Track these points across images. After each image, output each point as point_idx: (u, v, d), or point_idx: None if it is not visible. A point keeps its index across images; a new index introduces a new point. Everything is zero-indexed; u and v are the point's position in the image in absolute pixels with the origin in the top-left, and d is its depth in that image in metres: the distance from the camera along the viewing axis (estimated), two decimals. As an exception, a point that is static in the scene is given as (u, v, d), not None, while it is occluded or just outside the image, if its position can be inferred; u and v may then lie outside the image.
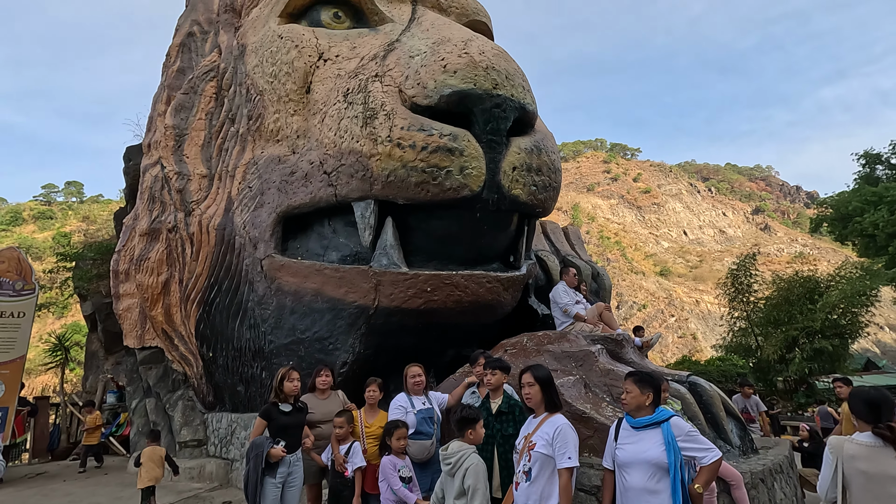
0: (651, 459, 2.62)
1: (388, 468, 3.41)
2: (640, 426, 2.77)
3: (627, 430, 2.83)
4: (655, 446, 2.65)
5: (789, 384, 20.63)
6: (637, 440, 2.74)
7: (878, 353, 54.60)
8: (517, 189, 5.34)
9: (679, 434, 2.67)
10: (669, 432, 2.66)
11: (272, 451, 3.52)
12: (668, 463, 2.58)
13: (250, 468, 3.47)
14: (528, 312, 7.03)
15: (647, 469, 2.63)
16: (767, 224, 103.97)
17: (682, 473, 2.59)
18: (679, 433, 2.68)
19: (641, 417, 2.79)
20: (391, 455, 3.50)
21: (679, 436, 2.67)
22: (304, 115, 6.29)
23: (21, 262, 7.46)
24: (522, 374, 3.08)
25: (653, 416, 2.76)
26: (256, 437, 3.62)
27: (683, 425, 2.76)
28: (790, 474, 4.42)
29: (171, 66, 9.00)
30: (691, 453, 2.68)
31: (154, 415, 8.18)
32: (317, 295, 5.68)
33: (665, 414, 2.77)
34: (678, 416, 2.82)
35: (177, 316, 7.55)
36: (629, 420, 2.86)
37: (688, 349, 59.58)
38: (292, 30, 6.62)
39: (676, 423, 2.74)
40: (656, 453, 2.62)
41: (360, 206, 5.44)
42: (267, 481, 3.49)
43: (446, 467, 3.03)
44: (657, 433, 2.69)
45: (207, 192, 7.37)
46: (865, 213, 24.62)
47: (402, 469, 3.46)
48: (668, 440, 2.63)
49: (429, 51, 5.43)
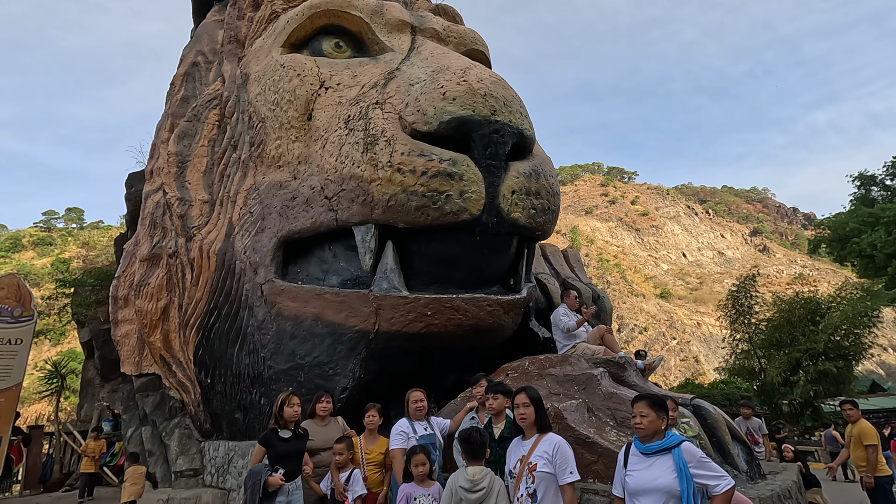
0: (663, 487, 2.54)
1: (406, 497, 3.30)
2: (651, 452, 2.69)
3: (637, 456, 2.75)
4: (667, 473, 2.56)
5: (794, 407, 20.40)
6: (648, 466, 2.65)
7: (882, 374, 54.06)
8: (516, 212, 5.39)
9: (691, 460, 2.59)
10: (681, 458, 2.58)
11: (270, 479, 3.46)
12: (680, 491, 2.50)
13: (247, 497, 3.41)
14: (528, 336, 6.99)
15: (660, 497, 2.55)
16: (766, 245, 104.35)
17: (695, 501, 2.51)
18: (691, 459, 2.60)
19: (652, 443, 2.70)
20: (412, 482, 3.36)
21: (691, 462, 2.58)
22: (305, 142, 6.39)
23: (20, 289, 7.45)
24: (516, 395, 3.05)
25: (664, 442, 2.68)
26: (255, 464, 3.56)
27: (695, 451, 2.68)
28: (799, 500, 4.33)
29: (175, 95, 9.17)
30: (704, 481, 2.58)
31: (149, 443, 8.03)
32: (317, 320, 5.66)
33: (676, 439, 2.70)
34: (689, 442, 2.75)
35: (175, 342, 7.50)
36: (638, 446, 2.78)
37: (690, 372, 58.96)
38: (294, 59, 6.79)
39: (688, 448, 2.66)
40: (668, 480, 2.54)
41: (361, 231, 5.48)
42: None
43: (475, 495, 2.90)
44: (668, 459, 2.60)
45: (209, 218, 7.42)
46: (863, 233, 24.79)
47: (419, 498, 3.33)
48: (680, 466, 2.54)
49: (428, 79, 5.56)
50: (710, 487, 2.58)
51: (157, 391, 8.44)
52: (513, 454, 2.98)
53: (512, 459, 2.94)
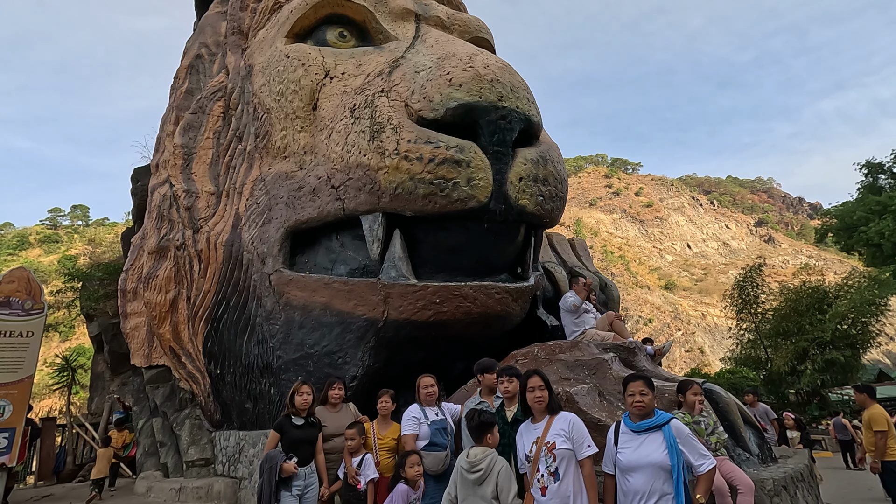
0: (655, 462, 2.66)
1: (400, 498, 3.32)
2: (643, 429, 2.79)
3: (628, 434, 2.84)
4: (658, 449, 2.68)
5: (802, 396, 20.36)
6: (640, 444, 2.75)
7: (889, 364, 53.81)
8: (524, 199, 5.36)
9: (680, 437, 2.71)
10: (671, 435, 2.70)
11: (284, 465, 3.49)
12: (671, 465, 2.62)
13: (264, 481, 3.44)
14: (536, 324, 6.98)
15: (652, 471, 2.66)
16: (771, 236, 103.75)
17: (684, 475, 2.63)
18: (679, 436, 2.72)
19: (643, 421, 2.81)
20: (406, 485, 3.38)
21: (679, 438, 2.70)
22: (311, 132, 6.38)
23: (30, 282, 7.49)
24: (529, 378, 3.04)
25: (654, 420, 2.79)
26: (270, 450, 3.59)
27: (683, 428, 2.79)
28: (811, 483, 4.32)
29: (179, 88, 9.16)
30: (688, 458, 2.71)
31: (161, 434, 8.10)
32: (325, 309, 5.67)
33: (665, 417, 2.81)
34: (678, 420, 2.86)
35: (184, 333, 7.54)
36: (629, 424, 2.87)
37: (696, 363, 58.90)
38: (299, 49, 6.75)
39: (677, 425, 2.78)
40: (660, 456, 2.66)
41: (368, 220, 5.47)
42: (284, 495, 3.46)
43: (474, 475, 2.91)
44: (659, 436, 2.72)
45: (215, 210, 7.43)
46: (870, 222, 24.56)
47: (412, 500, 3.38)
48: (671, 443, 2.67)
49: (434, 66, 5.52)
50: (693, 466, 2.69)
51: (167, 383, 8.50)
52: (525, 438, 2.99)
53: (526, 444, 2.94)
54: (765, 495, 3.47)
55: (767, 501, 3.46)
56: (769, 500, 3.46)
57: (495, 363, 3.99)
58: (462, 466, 2.99)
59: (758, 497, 3.40)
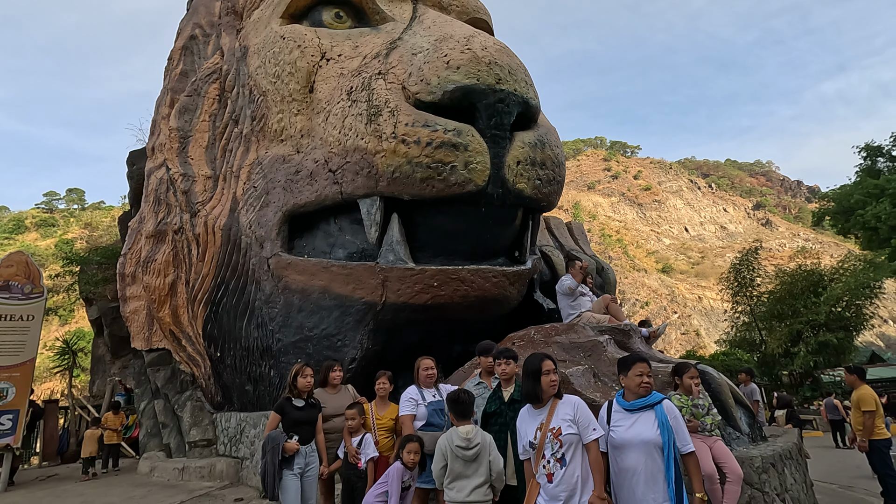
0: (648, 440, 2.74)
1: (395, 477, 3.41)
2: (636, 408, 2.87)
3: (620, 412, 2.92)
4: (651, 427, 2.77)
5: (794, 378, 20.66)
6: (633, 422, 2.83)
7: (882, 346, 54.43)
8: (522, 183, 5.37)
9: (671, 416, 2.81)
10: (663, 414, 2.79)
11: (287, 444, 3.57)
12: (662, 442, 2.72)
13: (267, 460, 3.53)
14: (533, 307, 7.05)
15: (644, 448, 2.74)
16: (769, 219, 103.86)
17: (674, 452, 2.73)
18: (671, 415, 2.81)
19: (637, 400, 2.90)
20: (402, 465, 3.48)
21: (671, 417, 2.81)
22: (307, 115, 6.33)
23: (29, 266, 7.51)
24: (543, 362, 2.99)
25: (647, 399, 2.87)
26: (272, 430, 3.67)
27: (673, 408, 2.88)
28: (799, 461, 4.44)
29: (173, 70, 9.05)
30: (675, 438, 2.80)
31: (163, 416, 8.22)
32: (324, 292, 5.71)
33: (658, 397, 2.90)
34: (669, 401, 2.94)
35: (184, 317, 7.60)
36: (622, 403, 2.95)
37: (691, 345, 59.50)
38: (294, 30, 6.67)
39: (668, 405, 2.87)
40: (653, 434, 2.75)
41: (366, 203, 5.47)
42: (286, 474, 3.55)
43: (471, 451, 3.06)
44: (651, 415, 2.81)
45: (212, 193, 7.41)
46: (867, 205, 24.54)
47: (406, 480, 3.48)
48: (663, 421, 2.76)
49: (431, 48, 5.47)
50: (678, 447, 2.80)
51: (168, 365, 8.60)
52: (527, 424, 2.99)
53: (529, 430, 2.94)
54: (753, 472, 3.57)
55: (756, 478, 3.56)
56: (757, 476, 3.56)
57: (494, 346, 4.04)
58: (458, 445, 3.10)
59: (746, 474, 3.49)
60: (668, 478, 2.65)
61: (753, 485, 3.54)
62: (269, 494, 3.53)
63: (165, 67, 10.09)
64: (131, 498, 6.24)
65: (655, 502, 2.65)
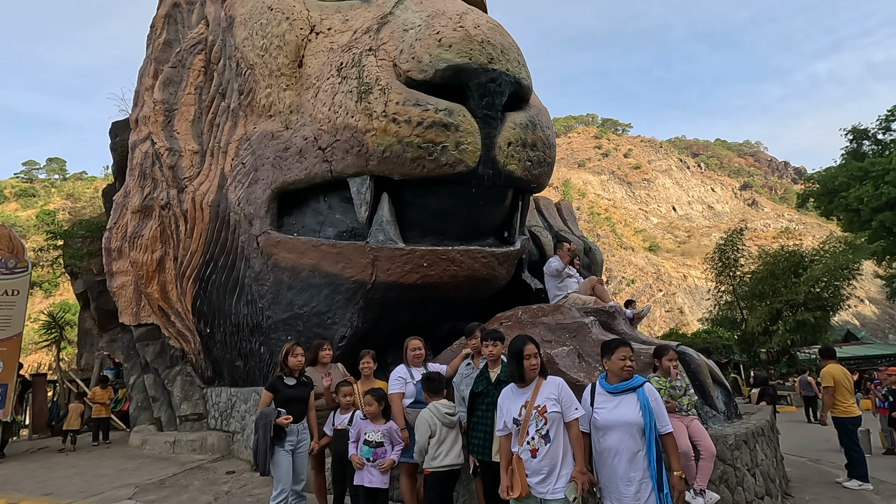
0: (630, 421, 2.87)
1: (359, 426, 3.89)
2: (619, 391, 2.99)
3: (603, 395, 3.05)
4: (633, 409, 2.90)
5: (772, 355, 21.31)
6: (616, 405, 2.96)
7: (857, 325, 56.18)
8: (512, 164, 5.37)
9: (652, 399, 2.95)
10: (645, 396, 2.93)
11: (278, 420, 3.66)
12: (644, 424, 2.86)
13: (259, 437, 3.61)
14: (521, 287, 7.15)
15: (626, 429, 2.87)
16: (755, 199, 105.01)
17: (655, 432, 2.88)
18: (651, 398, 2.95)
19: (621, 383, 3.02)
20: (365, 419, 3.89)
21: (652, 400, 2.94)
22: (296, 90, 6.23)
23: (12, 240, 7.39)
24: (525, 346, 3.10)
25: (630, 382, 3.00)
26: (264, 407, 3.75)
27: (654, 391, 3.02)
28: (770, 437, 4.65)
29: (156, 39, 8.78)
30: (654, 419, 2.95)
31: (153, 390, 8.29)
32: (314, 271, 5.74)
33: (639, 380, 3.02)
34: (650, 384, 3.07)
35: (173, 293, 7.59)
36: (605, 386, 3.07)
37: (675, 323, 60.77)
38: (283, 1, 6.49)
39: (650, 388, 3.01)
40: (634, 416, 2.88)
41: (356, 182, 5.45)
42: (278, 450, 3.65)
43: (453, 418, 3.65)
44: (633, 397, 2.94)
45: (200, 169, 7.31)
46: (851, 188, 24.98)
47: (369, 433, 3.81)
48: (644, 403, 2.90)
49: (423, 24, 5.37)
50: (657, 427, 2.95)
51: (157, 340, 8.61)
52: (511, 402, 3.10)
53: (514, 407, 3.05)
54: (726, 449, 3.75)
55: (728, 454, 3.74)
56: (730, 453, 3.75)
57: (476, 327, 4.11)
58: (446, 412, 3.67)
59: (720, 451, 3.67)
60: (650, 457, 2.80)
61: (726, 461, 3.73)
62: (261, 469, 3.63)
63: (148, 35, 9.77)
64: (124, 470, 6.35)
65: (636, 479, 2.80)
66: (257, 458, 3.64)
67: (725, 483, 3.72)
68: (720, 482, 3.69)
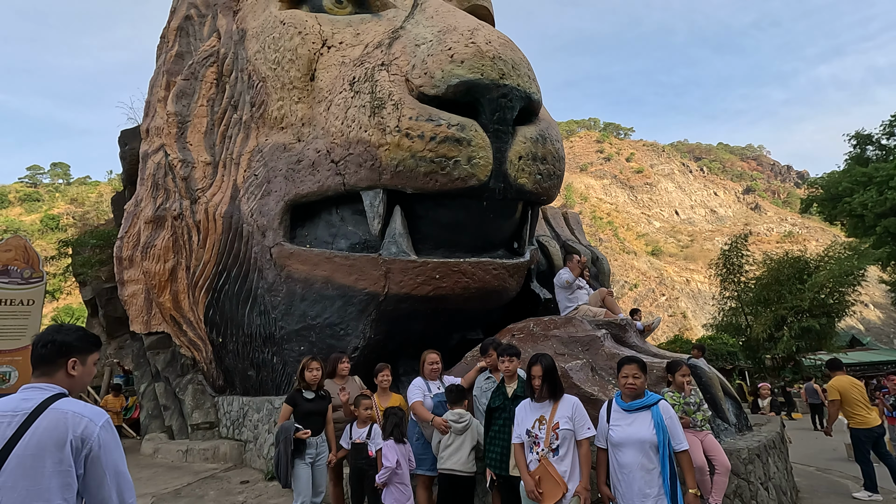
0: (644, 439, 2.92)
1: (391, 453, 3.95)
2: (633, 409, 3.04)
3: (619, 412, 3.10)
4: (647, 427, 2.94)
5: (777, 361, 21.28)
6: (630, 422, 3.01)
7: (862, 330, 55.96)
8: (523, 178, 5.44)
9: (666, 417, 2.98)
10: (659, 414, 2.96)
11: (298, 434, 3.73)
12: (658, 442, 2.90)
13: (280, 450, 3.68)
14: (530, 297, 7.21)
15: (640, 447, 2.92)
16: (758, 203, 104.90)
17: (669, 450, 2.91)
18: (666, 416, 2.98)
19: (634, 401, 3.06)
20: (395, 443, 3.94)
21: (666, 418, 2.98)
22: (308, 103, 6.31)
23: (28, 251, 7.49)
24: (532, 367, 3.25)
25: (644, 400, 3.05)
26: (284, 421, 3.82)
27: (669, 409, 3.06)
28: (781, 449, 4.69)
29: (168, 51, 8.89)
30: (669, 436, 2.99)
31: (164, 398, 8.35)
32: (327, 282, 5.80)
33: (654, 398, 3.06)
34: (665, 402, 3.10)
35: (185, 302, 7.66)
36: (620, 403, 3.12)
37: (678, 327, 60.65)
38: (295, 16, 6.59)
39: (664, 406, 3.04)
40: (648, 433, 2.93)
41: (369, 196, 5.52)
42: (298, 463, 3.72)
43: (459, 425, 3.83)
44: (647, 415, 2.98)
45: (212, 180, 7.40)
46: (855, 193, 24.95)
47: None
48: (658, 421, 2.93)
49: (435, 39, 5.45)
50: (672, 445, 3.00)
51: (168, 349, 8.68)
52: (527, 415, 3.22)
53: (529, 420, 3.18)
54: (739, 463, 3.79)
55: (742, 468, 3.78)
56: (743, 467, 3.79)
57: (490, 345, 4.21)
58: (451, 419, 3.84)
59: (733, 465, 3.72)
60: (664, 474, 2.86)
61: (740, 475, 3.77)
62: (283, 482, 3.70)
63: (158, 46, 9.90)
64: (138, 479, 6.40)
65: (652, 496, 2.86)
66: (278, 471, 3.71)
67: (739, 497, 3.76)
68: (734, 496, 3.73)
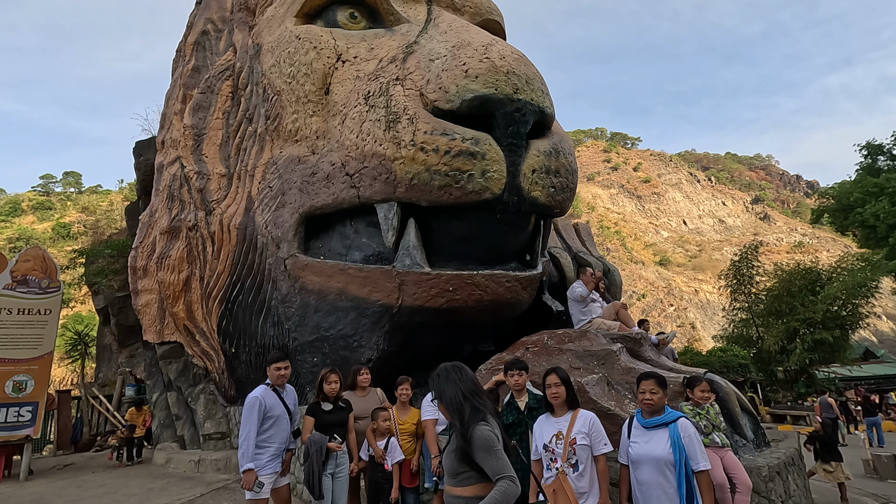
0: (661, 457, 2.90)
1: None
2: (652, 426, 3.02)
3: (639, 428, 3.08)
4: (664, 445, 2.92)
5: (790, 374, 20.98)
6: (649, 439, 3.00)
7: (875, 342, 55.09)
8: (536, 191, 5.47)
9: (684, 435, 2.94)
10: (677, 433, 2.93)
11: (330, 445, 3.74)
12: (674, 460, 2.87)
13: (312, 462, 3.67)
14: (542, 309, 7.20)
15: (657, 465, 2.90)
16: (767, 213, 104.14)
17: (686, 469, 2.86)
18: (684, 435, 2.94)
19: (653, 418, 3.04)
20: None
21: (684, 437, 2.93)
22: (323, 117, 6.40)
23: (46, 261, 7.60)
24: (547, 376, 3.25)
25: (663, 417, 3.02)
26: (312, 433, 3.81)
27: (689, 427, 3.01)
28: (800, 466, 4.63)
29: (185, 65, 9.05)
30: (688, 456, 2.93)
31: (176, 408, 8.39)
32: (341, 294, 5.84)
33: (674, 415, 3.03)
34: (685, 419, 3.06)
35: (198, 312, 7.72)
36: (640, 420, 3.10)
37: (686, 338, 60.01)
38: (310, 31, 6.70)
39: (683, 424, 2.99)
40: (665, 451, 2.90)
41: (384, 208, 5.57)
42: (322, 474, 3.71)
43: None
44: (665, 433, 2.95)
45: (227, 192, 7.50)
46: (867, 203, 24.69)
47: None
48: (675, 440, 2.90)
49: (449, 54, 5.53)
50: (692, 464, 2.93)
51: (180, 358, 8.73)
52: (545, 429, 3.21)
53: (546, 434, 3.16)
54: (760, 481, 3.75)
55: (763, 486, 3.74)
56: (764, 485, 3.75)
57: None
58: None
59: (754, 483, 3.67)
60: (680, 494, 2.82)
61: (760, 493, 3.73)
62: (316, 495, 3.67)
63: (175, 60, 10.09)
64: (151, 490, 6.42)
65: None
66: (310, 484, 3.68)
67: (759, 515, 3.71)
68: (754, 514, 3.68)
